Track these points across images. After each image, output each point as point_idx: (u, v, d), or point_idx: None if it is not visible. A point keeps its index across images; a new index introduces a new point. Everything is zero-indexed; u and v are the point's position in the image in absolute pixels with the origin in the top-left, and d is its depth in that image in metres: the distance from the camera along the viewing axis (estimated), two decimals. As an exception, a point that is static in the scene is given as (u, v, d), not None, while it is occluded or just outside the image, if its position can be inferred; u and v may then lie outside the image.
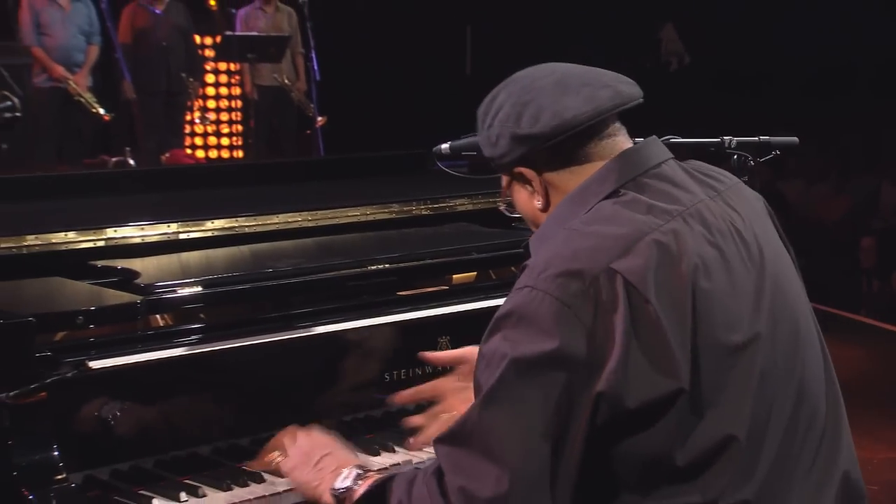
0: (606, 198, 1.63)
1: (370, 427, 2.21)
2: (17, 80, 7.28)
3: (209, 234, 2.45)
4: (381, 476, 1.75)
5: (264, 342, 2.10)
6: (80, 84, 7.55)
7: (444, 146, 2.45)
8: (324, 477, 1.79)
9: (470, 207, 2.82)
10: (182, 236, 2.41)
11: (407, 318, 2.25)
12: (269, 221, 2.51)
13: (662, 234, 1.56)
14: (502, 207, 1.85)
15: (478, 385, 1.58)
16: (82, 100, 7.49)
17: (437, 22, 10.22)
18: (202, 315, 2.12)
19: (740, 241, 1.63)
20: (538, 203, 1.70)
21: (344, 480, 1.75)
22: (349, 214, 2.61)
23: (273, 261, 2.36)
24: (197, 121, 8.75)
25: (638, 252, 1.53)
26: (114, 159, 7.31)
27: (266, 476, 1.99)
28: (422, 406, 2.21)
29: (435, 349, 2.25)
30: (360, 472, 1.76)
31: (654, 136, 1.74)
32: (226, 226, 2.46)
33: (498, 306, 2.31)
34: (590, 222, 1.60)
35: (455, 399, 2.02)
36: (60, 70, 7.52)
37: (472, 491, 1.54)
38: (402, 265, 2.35)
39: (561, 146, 1.64)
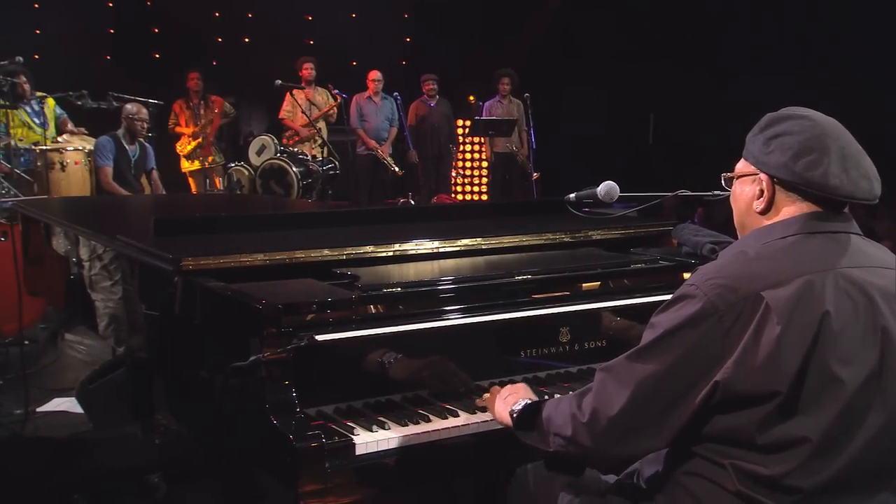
0: (788, 237, 1.47)
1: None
2: (342, 151, 7.66)
3: (420, 251, 2.41)
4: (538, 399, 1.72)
5: (441, 326, 2.04)
6: (384, 152, 7.88)
7: (572, 195, 2.32)
8: (508, 405, 1.76)
9: (599, 237, 2.65)
10: (411, 251, 2.39)
11: (538, 313, 2.12)
12: (456, 244, 2.45)
13: (814, 278, 1.40)
14: (723, 181, 1.65)
15: (641, 340, 1.48)
16: (385, 162, 7.82)
17: (628, 110, 9.96)
18: (401, 307, 2.09)
19: (872, 304, 1.43)
20: (759, 206, 1.52)
21: (516, 405, 1.73)
22: (511, 240, 2.51)
23: (453, 272, 2.29)
24: (457, 175, 8.88)
25: (791, 285, 1.38)
26: (402, 200, 7.55)
27: (431, 417, 1.93)
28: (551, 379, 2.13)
29: (557, 337, 2.13)
30: (529, 400, 1.73)
31: (852, 218, 1.53)
32: (428, 246, 2.42)
33: (603, 308, 2.21)
34: (763, 252, 1.46)
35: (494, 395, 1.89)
36: (373, 143, 7.87)
37: (601, 410, 1.47)
38: (538, 276, 2.22)
39: (807, 191, 1.48)
